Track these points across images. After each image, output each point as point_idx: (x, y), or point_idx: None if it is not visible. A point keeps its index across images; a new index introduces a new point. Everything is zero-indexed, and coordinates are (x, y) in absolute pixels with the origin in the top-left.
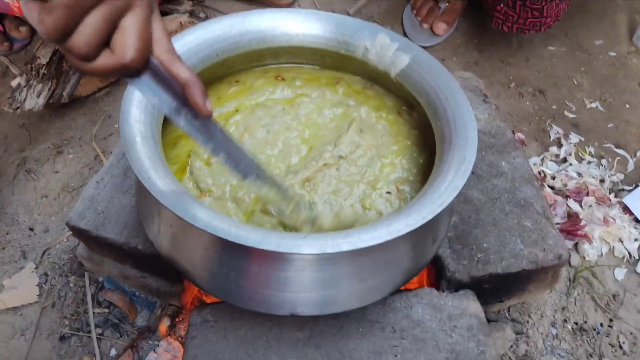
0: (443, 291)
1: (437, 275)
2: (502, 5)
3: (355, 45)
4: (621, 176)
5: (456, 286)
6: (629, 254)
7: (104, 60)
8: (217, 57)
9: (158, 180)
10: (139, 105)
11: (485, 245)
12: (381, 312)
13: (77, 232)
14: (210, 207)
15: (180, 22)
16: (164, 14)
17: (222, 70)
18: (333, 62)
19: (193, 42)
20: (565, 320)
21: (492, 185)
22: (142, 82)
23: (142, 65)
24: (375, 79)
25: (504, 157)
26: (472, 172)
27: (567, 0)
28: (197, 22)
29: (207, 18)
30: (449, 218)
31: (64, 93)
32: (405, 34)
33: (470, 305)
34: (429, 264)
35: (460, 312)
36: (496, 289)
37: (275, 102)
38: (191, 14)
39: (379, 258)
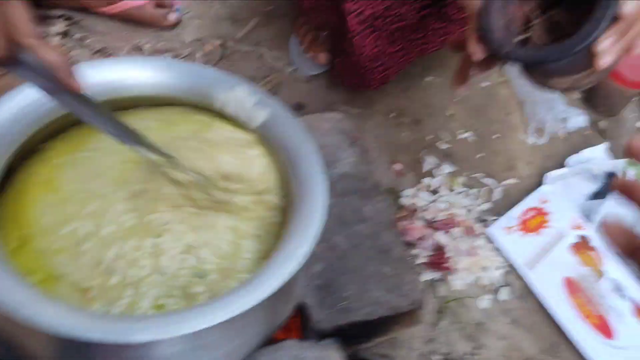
0: (308, 341)
1: (304, 325)
2: (339, 59)
3: (212, 97)
4: (488, 206)
5: (322, 335)
6: (492, 283)
7: None
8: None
9: None
10: None
11: (347, 293)
12: None
13: None
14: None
15: None
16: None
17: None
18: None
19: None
20: (432, 352)
21: (355, 232)
22: (19, 69)
23: (9, 57)
24: None
25: (368, 202)
26: (338, 218)
27: (397, 66)
28: (71, 44)
29: (82, 40)
30: (304, 274)
31: None
32: (293, 61)
33: (331, 355)
34: (296, 314)
35: None
36: (360, 335)
37: None
38: (65, 34)
39: (224, 330)
